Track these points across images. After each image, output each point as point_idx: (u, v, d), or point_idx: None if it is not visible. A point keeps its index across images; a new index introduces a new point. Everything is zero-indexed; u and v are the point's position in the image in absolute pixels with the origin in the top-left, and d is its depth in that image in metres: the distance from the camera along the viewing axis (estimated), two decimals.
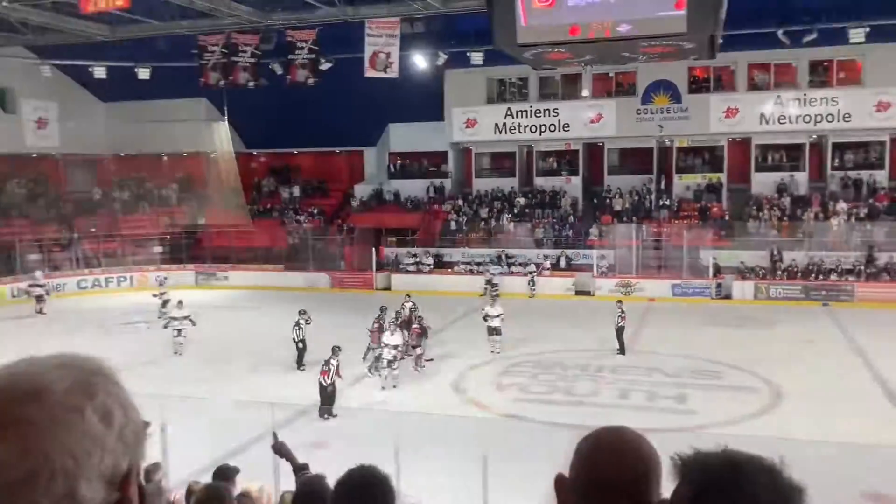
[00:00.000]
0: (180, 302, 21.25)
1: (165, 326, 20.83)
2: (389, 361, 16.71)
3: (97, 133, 36.27)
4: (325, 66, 25.93)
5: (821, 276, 27.49)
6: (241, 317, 26.35)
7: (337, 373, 15.07)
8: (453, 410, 14.84)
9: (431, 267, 31.77)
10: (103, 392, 0.95)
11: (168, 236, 35.46)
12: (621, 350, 19.53)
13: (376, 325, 18.39)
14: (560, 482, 1.45)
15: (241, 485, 6.44)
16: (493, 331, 19.64)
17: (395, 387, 16.70)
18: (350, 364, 17.49)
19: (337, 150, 39.74)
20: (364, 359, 18.24)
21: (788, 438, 12.20)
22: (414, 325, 18.89)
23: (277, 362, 18.92)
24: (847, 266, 27.62)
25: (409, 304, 20.63)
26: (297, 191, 39.06)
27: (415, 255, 32.68)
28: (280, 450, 4.79)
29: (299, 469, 4.34)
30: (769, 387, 16.39)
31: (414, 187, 36.53)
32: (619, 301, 20.82)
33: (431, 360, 18.86)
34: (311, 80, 25.64)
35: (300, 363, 18.40)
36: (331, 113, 33.63)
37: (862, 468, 10.94)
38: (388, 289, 31.37)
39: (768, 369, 17.51)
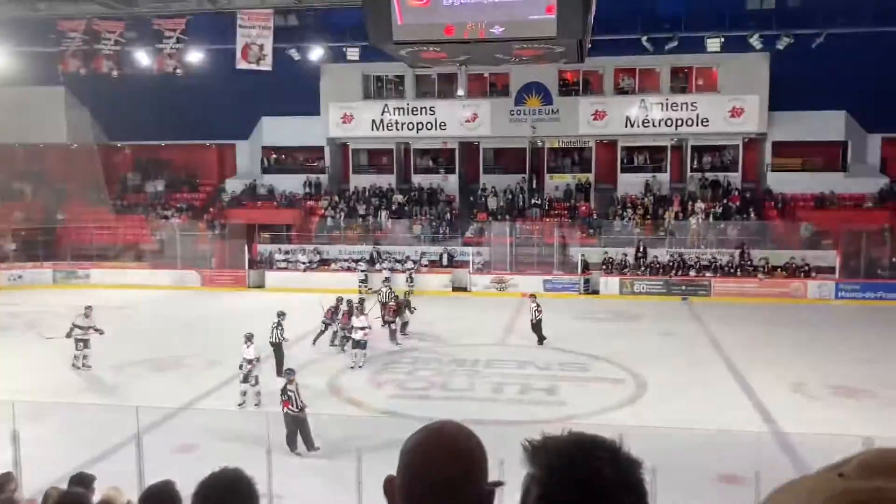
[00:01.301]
0: (88, 308, 18.49)
1: (68, 335, 18.00)
2: (358, 342, 18.20)
3: None
4: (194, 56, 25.04)
5: (681, 272, 29.07)
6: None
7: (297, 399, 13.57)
8: (329, 409, 14.71)
9: (307, 264, 31.30)
10: None
11: (23, 232, 33.21)
12: (539, 341, 20.32)
13: (345, 309, 19.94)
14: (390, 484, 1.45)
15: (100, 491, 6.13)
16: (357, 344, 18.30)
17: (361, 367, 18.00)
18: (223, 366, 17.05)
19: (207, 143, 38.47)
20: (332, 343, 19.84)
21: (651, 426, 12.86)
22: (389, 304, 21.43)
23: (141, 364, 18.14)
24: (707, 262, 29.33)
25: (385, 289, 23.38)
26: (163, 185, 37.52)
27: (288, 253, 32.05)
28: None
29: None
30: (634, 378, 17.18)
31: (289, 182, 35.89)
32: (533, 295, 21.63)
33: (406, 335, 21.28)
34: (179, 71, 24.68)
35: (280, 369, 16.34)
36: (201, 105, 32.57)
37: (718, 452, 11.64)
38: (261, 287, 30.67)
39: (633, 361, 18.35)
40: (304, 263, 31.30)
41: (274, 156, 37.32)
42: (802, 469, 11.40)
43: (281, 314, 17.83)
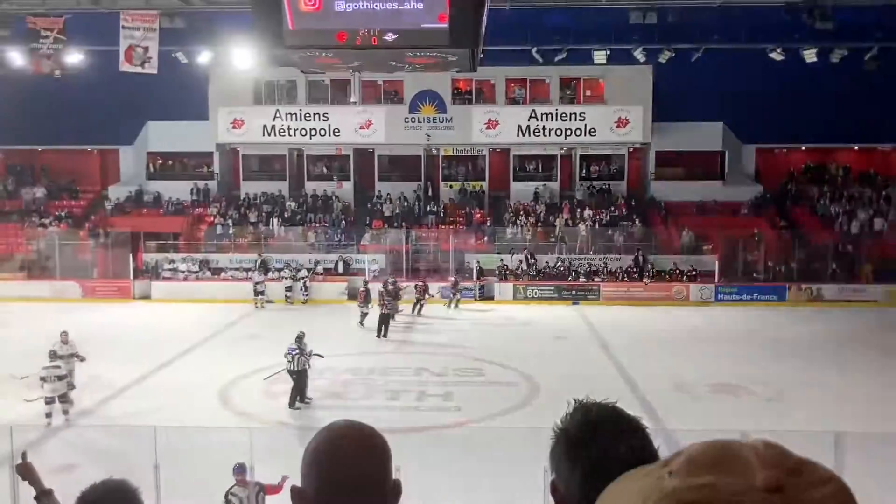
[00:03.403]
0: (64, 334, 15.97)
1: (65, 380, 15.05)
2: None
3: None
4: (74, 57, 23.89)
5: (571, 278, 29.87)
6: None
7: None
8: (220, 422, 14.29)
9: (185, 273, 30.29)
10: None
11: None
12: (378, 335, 21.90)
13: (363, 290, 24.22)
14: (299, 494, 1.42)
15: None
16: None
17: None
18: (100, 382, 16.32)
19: (89, 147, 36.78)
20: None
21: (544, 428, 13.11)
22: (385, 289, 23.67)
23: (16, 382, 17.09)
24: (595, 267, 30.24)
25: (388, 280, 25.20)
26: (42, 192, 35.56)
27: (173, 262, 30.90)
28: (24, 472, 4.29)
29: (42, 494, 3.93)
30: (527, 381, 17.52)
31: (176, 189, 34.73)
32: (388, 289, 23.50)
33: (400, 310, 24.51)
34: (57, 73, 23.47)
35: (295, 400, 15.44)
36: (82, 108, 31.16)
37: None
38: (147, 297, 29.50)
39: (526, 365, 18.71)
40: (182, 272, 30.23)
41: (160, 161, 36.07)
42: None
43: (301, 336, 16.00)
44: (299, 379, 15.55)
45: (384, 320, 22.75)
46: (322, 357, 16.21)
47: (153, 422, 13.67)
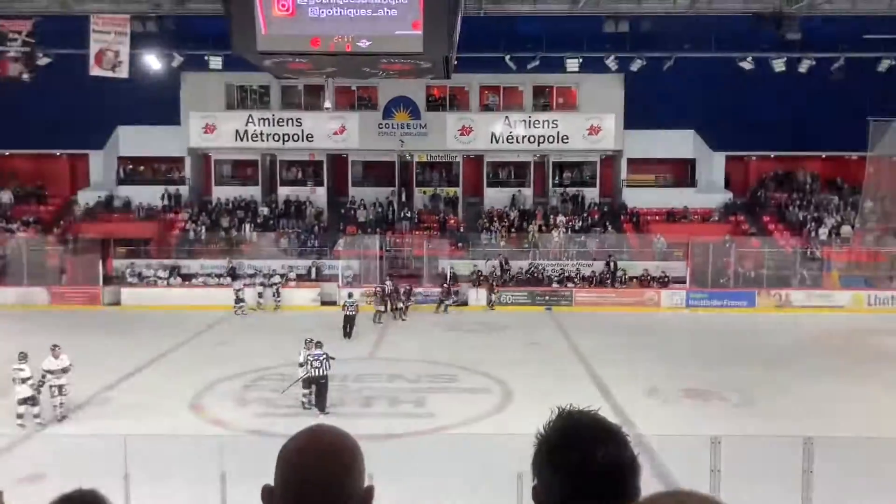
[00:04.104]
0: (55, 348, 15.11)
1: (40, 385, 14.52)
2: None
3: None
4: (43, 60, 23.58)
5: (544, 283, 30.00)
6: None
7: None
8: (191, 430, 14.13)
9: (167, 280, 29.98)
10: None
11: None
12: (345, 336, 22.33)
13: (379, 289, 26.69)
14: (269, 493, 1.45)
15: None
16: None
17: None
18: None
19: (58, 152, 36.27)
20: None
21: (518, 434, 13.13)
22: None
23: None
24: (568, 273, 30.38)
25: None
26: (8, 196, 34.97)
27: (142, 269, 30.49)
28: None
29: None
30: (500, 387, 17.54)
31: (147, 194, 34.38)
32: (350, 294, 24.32)
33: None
34: (26, 76, 23.11)
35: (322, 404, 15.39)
36: (52, 112, 30.72)
37: None
38: (117, 304, 29.12)
39: (499, 371, 18.73)
40: (146, 277, 29.86)
41: (131, 166, 35.68)
42: (659, 468, 12.01)
43: (319, 344, 15.84)
44: (326, 383, 15.55)
45: (350, 322, 23.41)
46: (334, 359, 16.03)
47: (123, 430, 13.50)
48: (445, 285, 28.90)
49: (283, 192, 35.58)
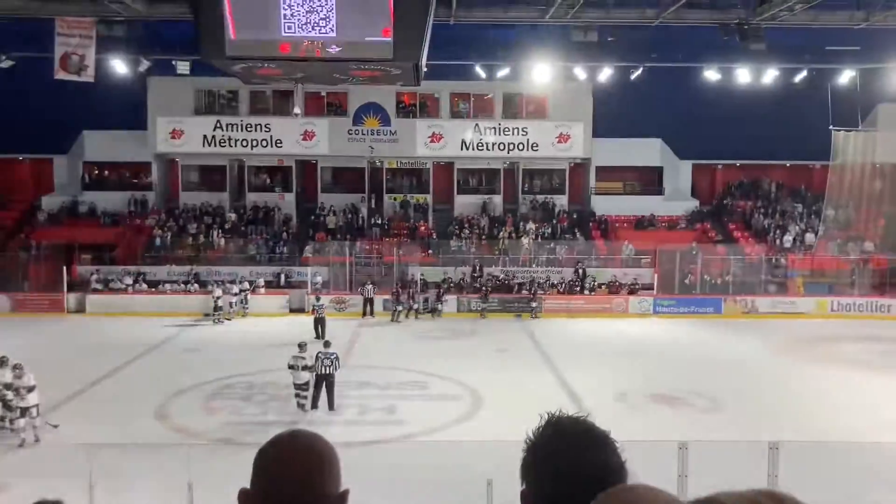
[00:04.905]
0: (4, 360, 14.52)
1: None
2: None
3: None
4: (5, 63, 23.19)
5: (514, 290, 30.07)
6: None
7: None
8: (157, 439, 13.93)
9: (132, 286, 29.54)
10: None
11: None
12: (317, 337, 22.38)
13: (395, 289, 27.69)
14: (245, 496, 1.47)
15: None
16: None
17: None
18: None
19: (20, 156, 35.64)
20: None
21: (488, 440, 13.14)
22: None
23: None
24: (539, 280, 30.47)
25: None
26: None
27: (108, 275, 29.99)
28: None
29: None
30: (471, 393, 17.54)
31: (113, 200, 33.92)
32: (318, 298, 25.30)
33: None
34: None
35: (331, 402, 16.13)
36: (14, 116, 30.24)
37: None
38: (81, 311, 28.63)
39: (469, 378, 18.73)
40: (128, 285, 29.42)
41: (96, 171, 35.17)
42: (629, 472, 12.02)
43: (326, 342, 17.05)
44: (334, 382, 16.19)
45: (320, 323, 24.10)
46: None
47: (88, 439, 13.28)
48: (394, 291, 28.49)
49: (252, 198, 35.31)
